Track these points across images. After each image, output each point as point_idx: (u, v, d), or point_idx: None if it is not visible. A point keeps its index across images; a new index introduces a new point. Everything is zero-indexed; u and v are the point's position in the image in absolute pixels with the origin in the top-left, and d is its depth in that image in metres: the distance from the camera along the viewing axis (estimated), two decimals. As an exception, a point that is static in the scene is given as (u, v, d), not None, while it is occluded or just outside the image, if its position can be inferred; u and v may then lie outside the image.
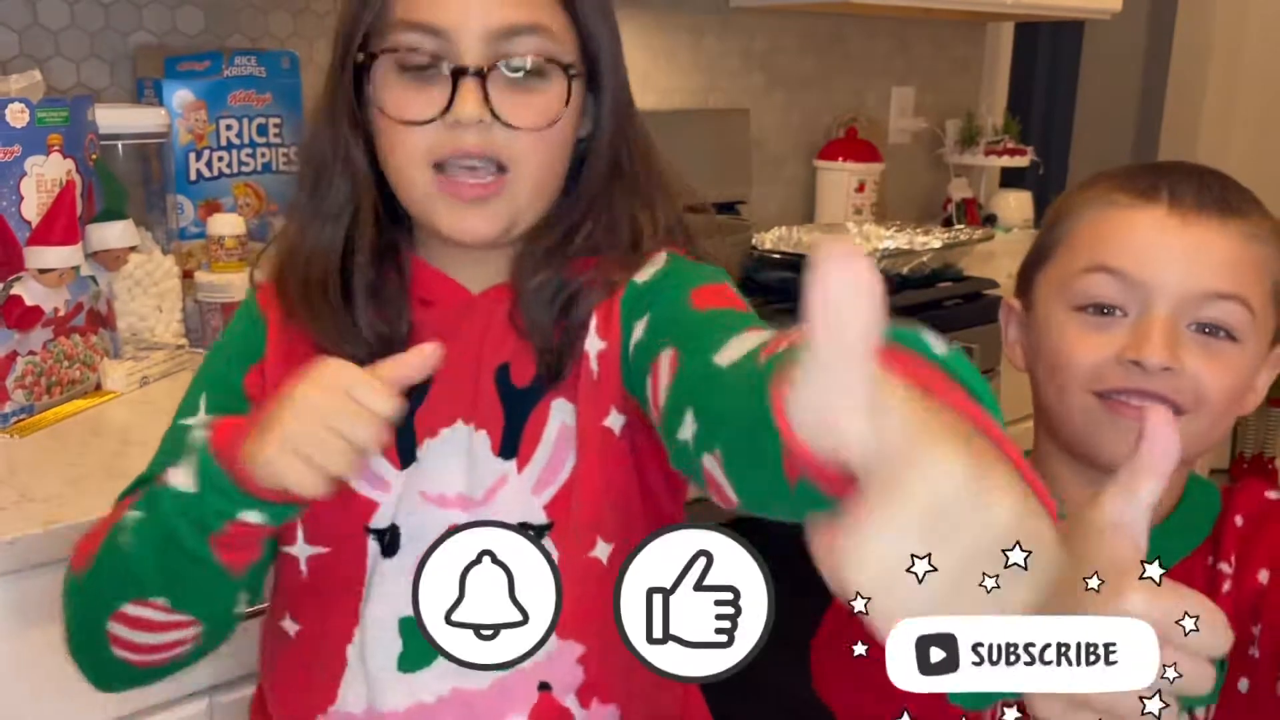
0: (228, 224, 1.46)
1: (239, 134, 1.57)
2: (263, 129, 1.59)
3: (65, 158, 1.19)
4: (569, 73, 0.79)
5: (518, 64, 0.77)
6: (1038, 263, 0.85)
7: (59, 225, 1.18)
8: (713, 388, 0.61)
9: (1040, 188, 2.74)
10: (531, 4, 0.77)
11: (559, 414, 0.82)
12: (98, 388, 1.30)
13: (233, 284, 1.42)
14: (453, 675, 0.80)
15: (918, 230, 2.11)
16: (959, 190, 2.65)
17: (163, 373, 1.35)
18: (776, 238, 2.01)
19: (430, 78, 0.77)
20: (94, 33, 1.56)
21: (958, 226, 2.48)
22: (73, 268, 1.20)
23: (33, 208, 1.16)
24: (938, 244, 1.99)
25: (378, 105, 0.78)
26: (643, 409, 0.76)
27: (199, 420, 0.82)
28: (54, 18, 1.52)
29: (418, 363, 0.68)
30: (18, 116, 1.14)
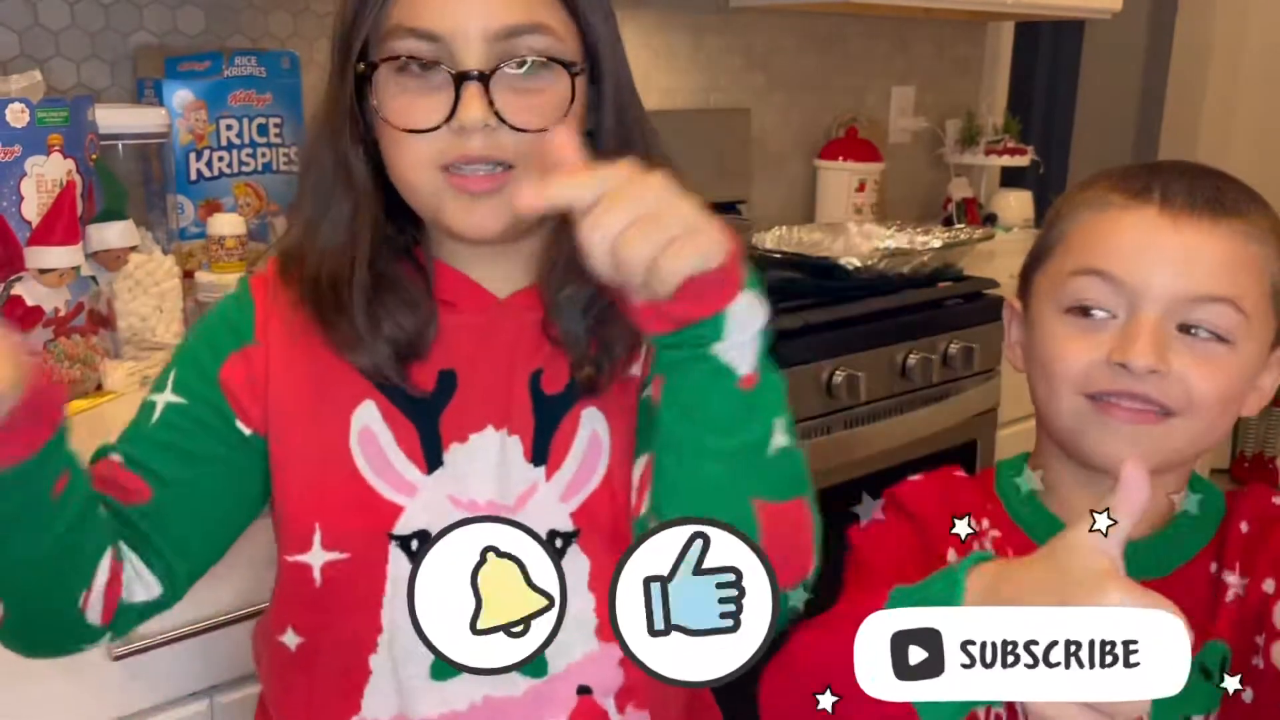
0: (228, 224, 1.46)
1: (239, 134, 1.57)
2: (263, 129, 1.59)
3: (65, 158, 1.19)
4: (572, 70, 0.78)
5: (520, 65, 0.76)
6: (1035, 264, 0.85)
7: (59, 225, 1.18)
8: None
9: (1040, 187, 2.73)
10: (530, 3, 0.76)
11: (590, 422, 0.81)
12: (98, 388, 1.30)
13: (233, 284, 1.42)
14: (486, 683, 0.79)
15: (918, 230, 2.11)
16: (959, 190, 2.65)
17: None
18: (777, 237, 2.01)
19: (432, 84, 0.75)
20: (94, 33, 1.55)
21: (958, 226, 2.48)
22: (73, 268, 1.20)
23: (33, 208, 1.16)
24: (938, 244, 1.99)
25: (381, 114, 0.77)
26: None
27: (162, 399, 0.81)
28: (54, 18, 1.52)
29: None
30: (18, 117, 1.14)
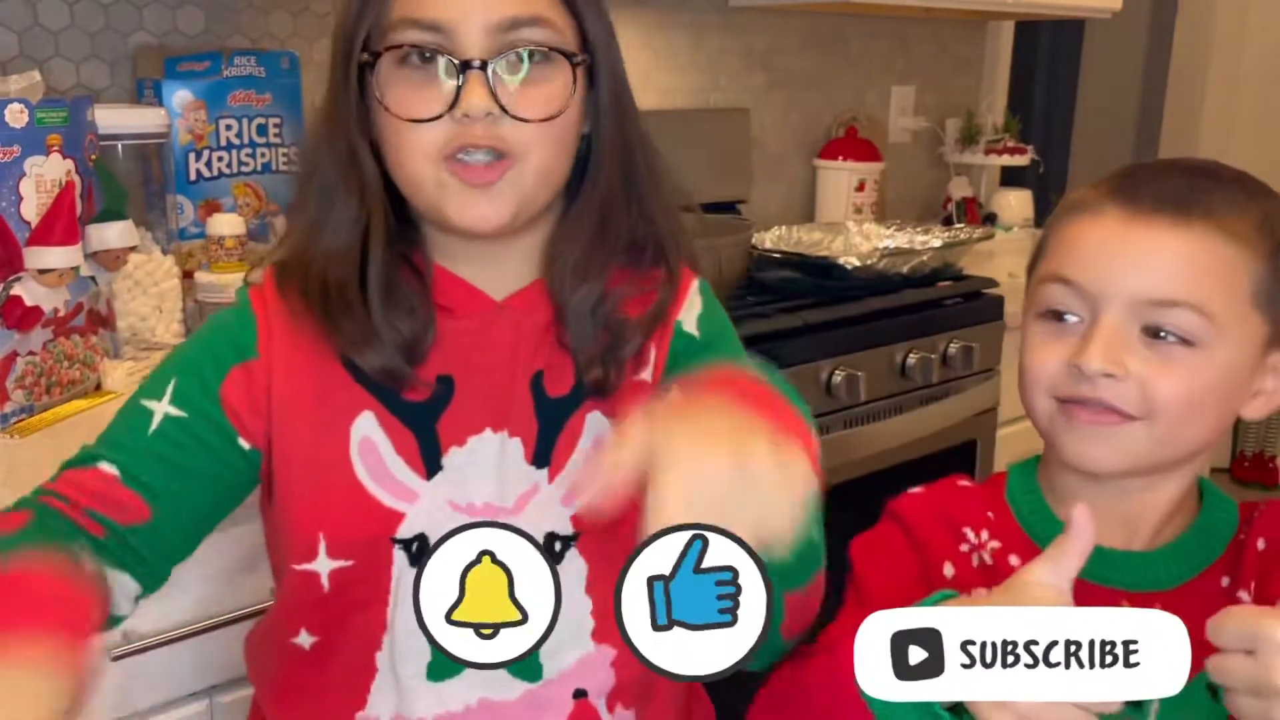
0: (227, 224, 1.46)
1: (239, 134, 1.57)
2: (262, 129, 1.59)
3: (65, 158, 1.19)
4: (573, 61, 0.78)
5: (522, 55, 0.76)
6: (1030, 268, 0.86)
7: (59, 226, 1.18)
8: None
9: (1040, 187, 2.73)
10: None
11: (594, 426, 0.82)
12: (98, 388, 1.30)
13: (232, 284, 1.42)
14: (481, 685, 0.79)
15: (918, 229, 2.11)
16: (959, 189, 2.65)
17: (163, 373, 1.35)
18: (777, 237, 2.01)
19: (435, 74, 0.76)
20: (94, 33, 1.55)
21: (958, 225, 2.48)
22: (72, 268, 1.20)
23: (32, 208, 1.16)
24: (938, 243, 1.99)
25: (383, 104, 0.77)
26: None
27: (160, 408, 0.79)
28: (54, 18, 1.52)
29: None
30: (17, 117, 1.14)
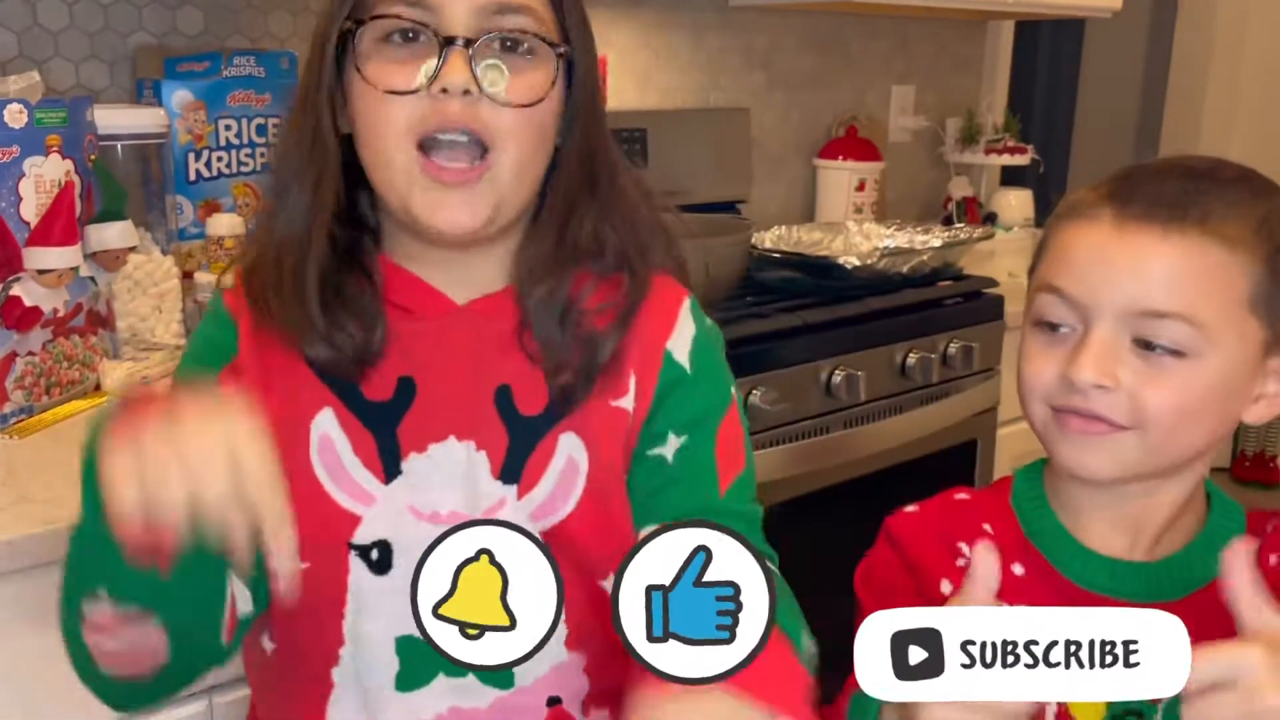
0: (227, 224, 1.46)
1: (238, 134, 1.57)
2: (262, 129, 1.59)
3: (64, 158, 1.19)
4: (557, 51, 0.78)
5: (506, 38, 0.76)
6: (1030, 270, 0.85)
7: (58, 226, 1.18)
8: None
9: (1041, 186, 2.73)
10: None
11: (566, 447, 0.80)
12: (97, 388, 1.30)
13: (231, 285, 1.42)
14: (451, 694, 0.79)
15: (918, 229, 2.10)
16: (959, 189, 2.65)
17: (162, 373, 1.35)
18: (777, 236, 2.00)
19: (416, 49, 0.75)
20: (93, 34, 1.55)
21: (958, 225, 2.47)
22: (72, 268, 1.20)
23: (31, 208, 1.16)
24: (938, 243, 1.98)
25: (362, 74, 0.76)
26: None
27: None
28: (53, 19, 1.52)
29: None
30: (16, 117, 1.14)
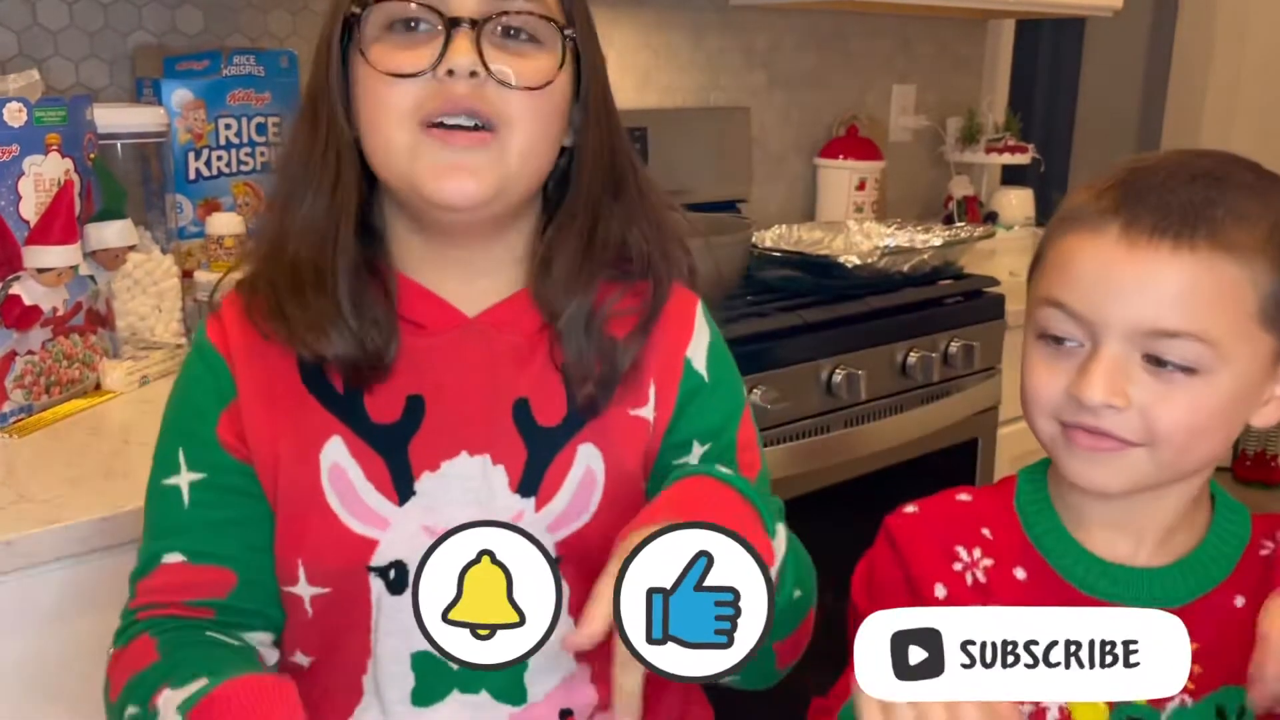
0: (227, 223, 1.46)
1: (238, 133, 1.56)
2: (262, 128, 1.59)
3: (64, 157, 1.19)
4: (565, 34, 0.76)
5: (514, 22, 0.75)
6: (1030, 274, 0.83)
7: (57, 225, 1.17)
8: None
9: (1041, 185, 2.73)
10: None
11: (585, 458, 0.80)
12: (97, 387, 1.30)
13: (231, 285, 1.42)
14: (465, 710, 0.79)
15: (918, 228, 2.10)
16: (960, 188, 2.65)
17: (162, 372, 1.35)
18: (777, 236, 2.00)
19: (421, 34, 0.74)
20: (93, 33, 1.55)
21: (959, 224, 2.47)
22: (71, 267, 1.20)
23: (31, 207, 1.16)
24: (938, 242, 1.98)
25: (365, 57, 0.74)
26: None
27: (182, 480, 0.79)
28: (53, 18, 1.52)
29: None
30: (16, 116, 1.14)
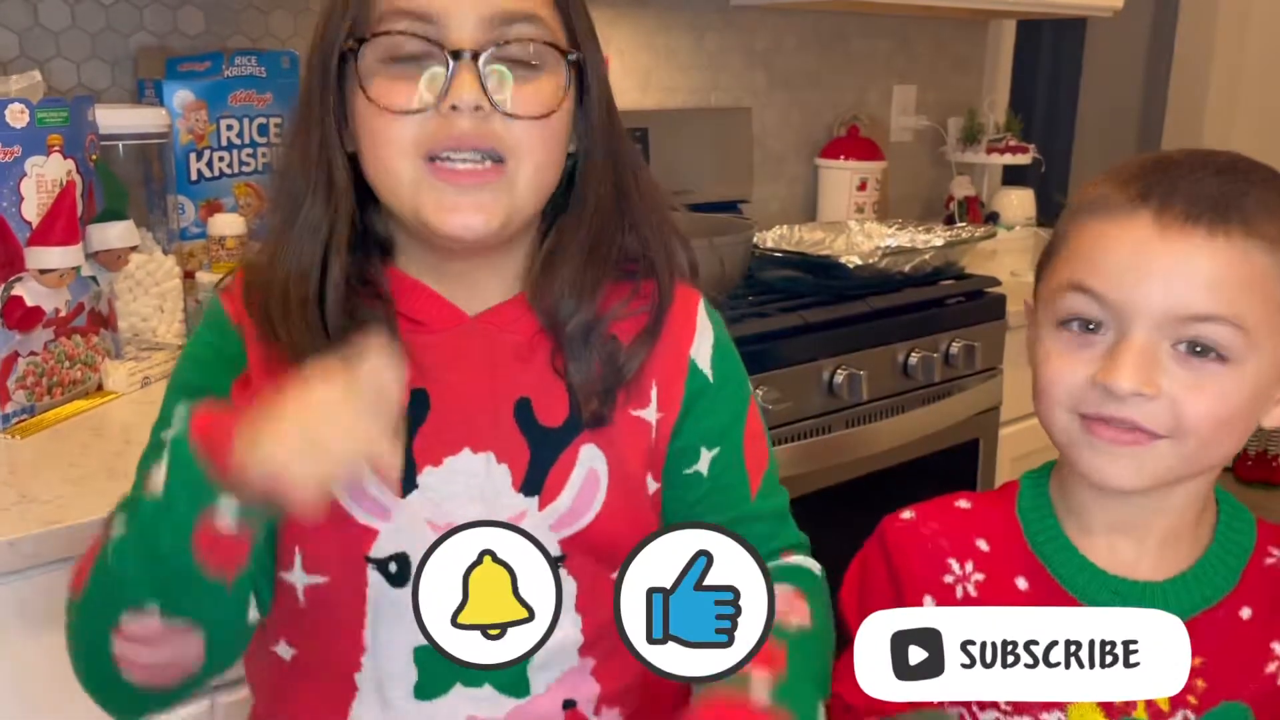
0: (229, 224, 1.46)
1: (240, 134, 1.57)
2: (263, 129, 1.59)
3: (66, 158, 1.19)
4: (569, 59, 0.76)
5: (516, 51, 0.74)
6: (1042, 265, 0.81)
7: (59, 225, 1.18)
8: None
9: (1042, 186, 2.73)
10: None
11: (588, 459, 0.80)
12: (99, 388, 1.30)
13: (234, 284, 1.42)
14: (468, 704, 0.79)
15: (920, 228, 2.10)
16: (961, 188, 2.65)
17: (164, 373, 1.35)
18: (778, 236, 2.00)
19: (422, 66, 0.73)
20: (95, 34, 1.55)
21: (960, 224, 2.47)
22: (73, 268, 1.20)
23: (33, 208, 1.16)
24: (940, 242, 1.98)
25: (366, 95, 0.73)
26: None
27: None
28: (55, 19, 1.52)
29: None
30: (18, 117, 1.14)
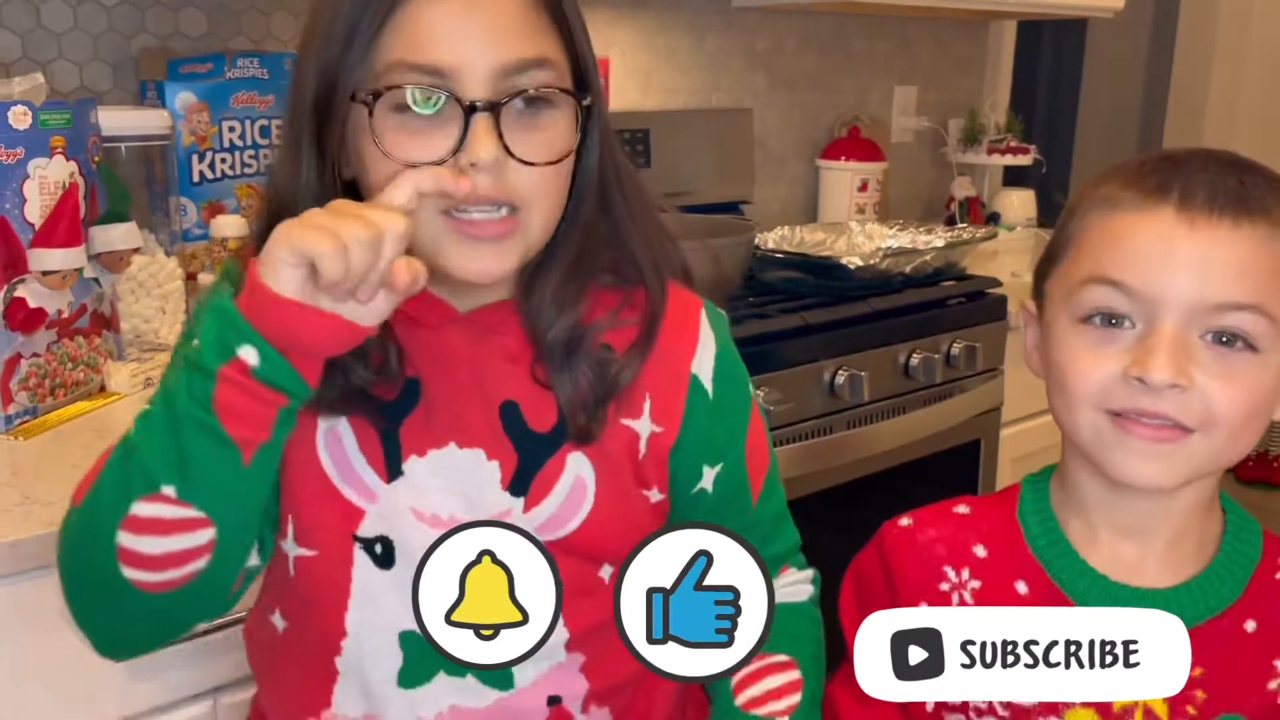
0: (231, 226, 1.46)
1: (242, 136, 1.57)
2: (265, 131, 1.59)
3: (68, 160, 1.20)
4: (580, 100, 0.76)
5: (530, 98, 0.74)
6: (1048, 265, 0.80)
7: (62, 227, 1.18)
8: None
9: (1043, 186, 2.73)
10: (534, 36, 0.74)
11: (575, 466, 0.81)
12: (102, 389, 1.30)
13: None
14: (452, 693, 0.79)
15: (920, 229, 2.10)
16: (962, 189, 2.65)
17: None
18: (779, 237, 2.00)
19: (436, 119, 0.72)
20: (97, 35, 1.56)
21: (961, 225, 2.47)
22: (76, 270, 1.21)
23: (36, 210, 1.17)
24: (941, 243, 1.98)
25: (381, 148, 0.73)
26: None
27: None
28: (57, 20, 1.53)
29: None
30: (20, 119, 1.15)
